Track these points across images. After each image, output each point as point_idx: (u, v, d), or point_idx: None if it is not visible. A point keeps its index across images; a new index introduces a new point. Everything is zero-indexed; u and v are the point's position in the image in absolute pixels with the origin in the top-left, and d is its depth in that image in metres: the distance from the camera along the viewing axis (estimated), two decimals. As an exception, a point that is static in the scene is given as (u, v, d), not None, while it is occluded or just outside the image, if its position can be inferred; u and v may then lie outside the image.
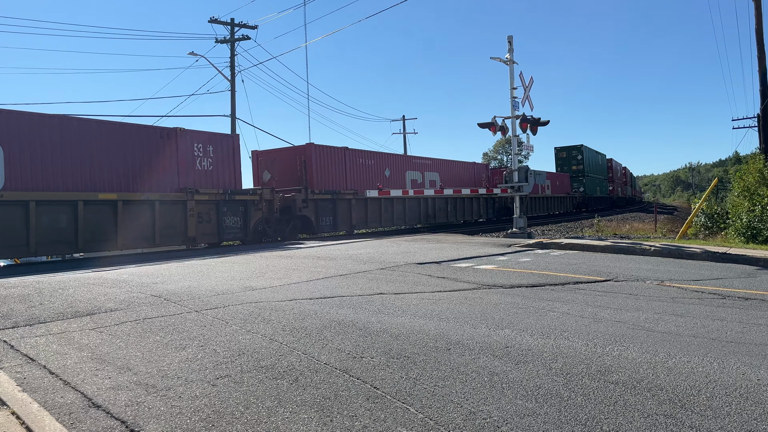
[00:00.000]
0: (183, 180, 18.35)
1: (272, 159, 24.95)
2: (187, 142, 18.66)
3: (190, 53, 33.78)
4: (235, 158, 20.42)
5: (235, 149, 20.44)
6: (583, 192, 53.51)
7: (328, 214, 23.82)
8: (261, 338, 5.16)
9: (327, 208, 23.79)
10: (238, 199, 19.66)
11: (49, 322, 5.97)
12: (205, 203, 18.62)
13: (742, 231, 17.09)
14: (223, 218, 19.12)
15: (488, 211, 36.63)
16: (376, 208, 26.79)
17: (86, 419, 3.42)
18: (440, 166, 33.37)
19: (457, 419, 3.34)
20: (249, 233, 19.85)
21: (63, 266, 13.75)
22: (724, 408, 3.51)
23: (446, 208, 32.14)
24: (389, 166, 28.83)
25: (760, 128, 24.31)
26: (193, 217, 18.11)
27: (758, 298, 7.27)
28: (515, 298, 7.22)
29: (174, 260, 12.82)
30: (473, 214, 35.01)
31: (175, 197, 17.82)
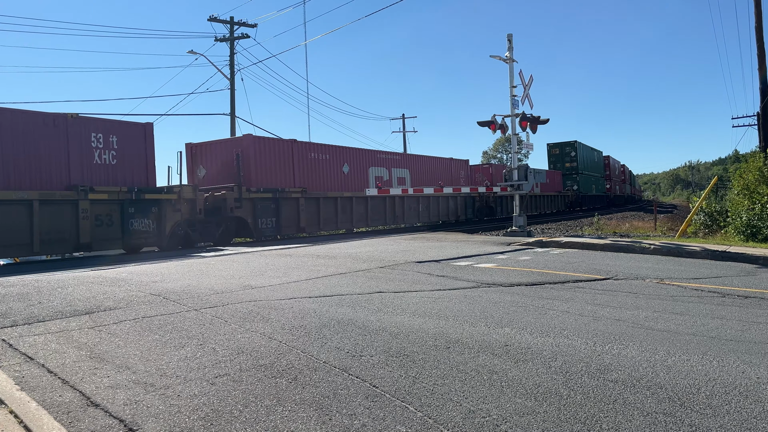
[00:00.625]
0: (75, 176, 15.61)
1: (208, 153, 22.04)
2: (81, 131, 15.91)
3: (189, 52, 33.74)
4: (148, 151, 17.57)
5: (148, 141, 17.59)
6: (576, 190, 51.63)
7: (269, 215, 21.16)
8: (260, 337, 5.16)
9: (268, 208, 21.10)
10: (150, 199, 16.95)
11: (47, 320, 5.96)
12: (105, 204, 15.90)
13: (741, 229, 17.09)
14: (130, 221, 16.42)
15: (467, 210, 34.34)
16: (330, 208, 24.12)
17: (84, 418, 3.41)
18: (411, 162, 30.85)
19: (457, 418, 3.34)
20: (165, 238, 17.22)
21: (62, 265, 13.73)
22: (724, 406, 3.51)
23: (417, 207, 29.77)
24: (348, 162, 25.88)
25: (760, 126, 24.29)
26: (88, 220, 15.39)
27: (758, 296, 7.27)
28: (515, 296, 7.21)
29: (174, 259, 12.81)
30: (449, 213, 32.62)
31: (61, 196, 15.10)
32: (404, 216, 28.63)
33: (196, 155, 22.20)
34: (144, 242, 17.00)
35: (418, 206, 29.89)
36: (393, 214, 27.95)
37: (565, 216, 43.00)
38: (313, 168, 23.80)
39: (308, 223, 22.87)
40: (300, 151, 23.16)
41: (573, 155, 52.97)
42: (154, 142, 17.85)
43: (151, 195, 17.11)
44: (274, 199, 21.31)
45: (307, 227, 22.93)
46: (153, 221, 17.09)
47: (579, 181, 52.35)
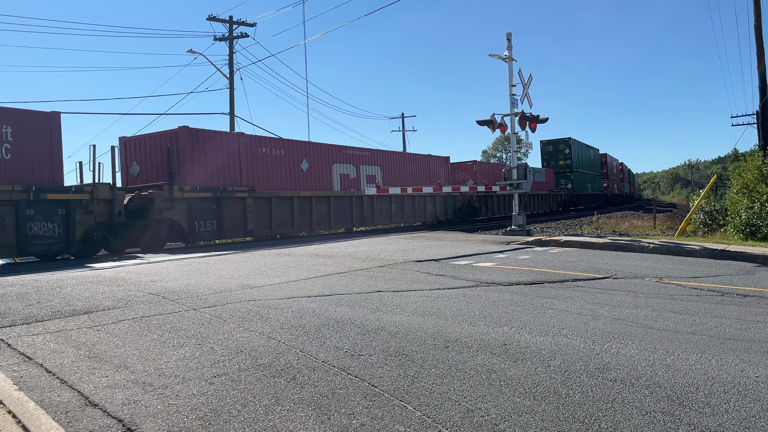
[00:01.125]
0: None
1: (142, 148, 19.60)
2: None
3: (188, 51, 33.70)
4: (53, 145, 15.25)
5: (54, 133, 15.24)
6: (570, 189, 49.28)
7: (209, 217, 18.76)
8: (259, 336, 5.15)
9: (207, 209, 18.71)
10: (54, 200, 14.71)
11: (46, 320, 5.95)
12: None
13: (740, 228, 17.10)
14: (28, 225, 14.19)
15: (447, 211, 31.66)
16: (285, 209, 21.59)
17: (83, 418, 3.41)
18: (382, 159, 28.11)
19: (455, 417, 3.33)
20: (75, 244, 15.13)
21: (61, 265, 13.72)
22: (722, 405, 3.51)
23: (390, 208, 27.11)
24: (308, 158, 23.38)
25: (759, 125, 24.30)
26: None
27: (757, 295, 7.27)
28: (514, 295, 7.21)
29: (171, 260, 12.80)
30: (427, 215, 29.93)
31: None
32: (374, 217, 26.16)
33: (130, 151, 19.82)
34: (46, 249, 14.78)
35: (391, 207, 27.23)
36: (361, 216, 25.46)
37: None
38: (265, 164, 21.31)
39: (257, 225, 20.44)
40: (249, 146, 20.83)
41: (567, 152, 50.69)
42: (61, 135, 15.53)
43: (55, 195, 14.78)
44: (215, 199, 18.96)
45: (257, 230, 20.54)
46: (59, 225, 14.89)
47: (573, 180, 50.24)
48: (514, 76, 17.70)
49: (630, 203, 75.52)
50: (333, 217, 23.98)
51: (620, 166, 76.42)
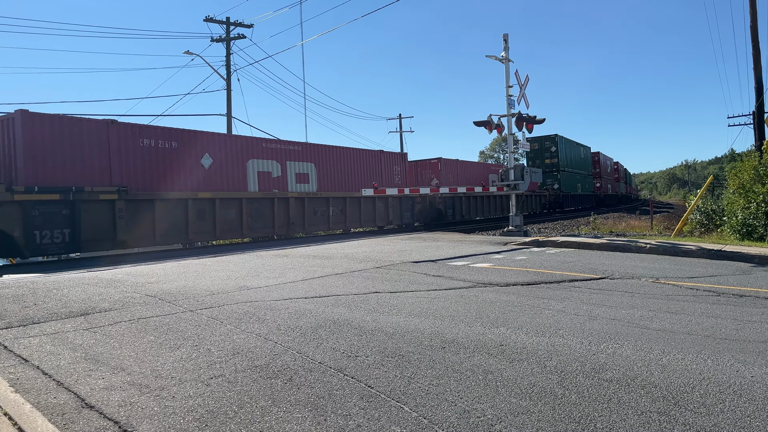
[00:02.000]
0: None
1: None
2: None
3: (185, 52, 33.65)
4: None
5: None
6: (557, 189, 46.19)
7: (58, 226, 14.86)
8: (255, 338, 5.15)
9: (56, 215, 14.79)
10: None
11: (42, 322, 5.94)
12: None
13: (737, 228, 17.15)
14: None
15: (404, 215, 27.90)
16: (177, 214, 17.76)
17: (79, 420, 3.41)
18: (317, 154, 23.84)
19: (452, 418, 3.34)
20: None
21: (59, 266, 13.70)
22: (718, 405, 3.52)
23: (327, 212, 23.42)
24: (211, 152, 19.44)
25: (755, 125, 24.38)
26: None
27: (752, 295, 7.29)
28: (510, 296, 7.22)
29: (170, 260, 12.79)
30: (377, 219, 26.07)
31: None
32: (305, 224, 22.29)
33: None
34: None
35: (328, 210, 23.58)
36: (286, 222, 21.45)
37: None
38: (149, 160, 17.49)
39: (133, 234, 16.57)
40: (123, 137, 16.85)
41: (554, 150, 47.57)
42: None
43: None
44: (68, 202, 15.02)
45: (132, 240, 16.67)
46: None
47: (560, 179, 47.06)
48: (510, 77, 17.73)
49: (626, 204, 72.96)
50: (247, 223, 19.79)
51: (615, 165, 74.12)
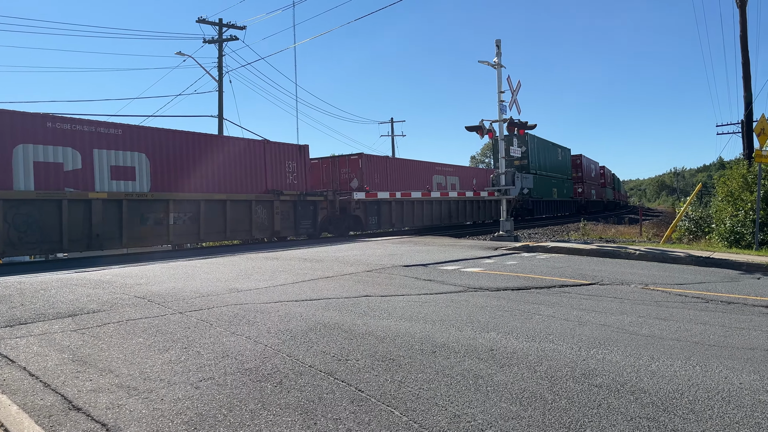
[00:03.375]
0: None
1: None
2: None
3: (177, 53, 33.62)
4: None
5: None
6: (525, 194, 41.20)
7: None
8: (245, 340, 5.13)
9: None
10: None
11: (30, 323, 5.89)
12: None
13: (725, 236, 17.28)
14: None
15: (300, 223, 22.34)
16: None
17: (66, 422, 3.37)
18: (151, 141, 17.81)
19: (442, 422, 3.33)
20: None
21: (46, 266, 13.58)
22: (707, 411, 3.54)
23: (164, 219, 17.62)
24: None
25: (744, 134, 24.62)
26: None
27: (741, 302, 7.35)
28: (501, 301, 7.23)
29: (159, 261, 12.71)
30: (256, 228, 20.45)
31: None
32: (123, 236, 16.64)
33: None
34: None
35: (167, 217, 17.72)
36: (85, 233, 15.74)
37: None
38: None
39: None
40: None
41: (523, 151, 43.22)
42: None
43: None
44: None
45: None
46: None
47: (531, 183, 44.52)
48: (503, 83, 17.81)
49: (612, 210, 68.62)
50: (7, 238, 14.20)
51: (601, 170, 69.55)
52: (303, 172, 23.42)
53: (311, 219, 23.15)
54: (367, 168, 26.86)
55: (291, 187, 22.64)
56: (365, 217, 26.17)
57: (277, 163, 22.20)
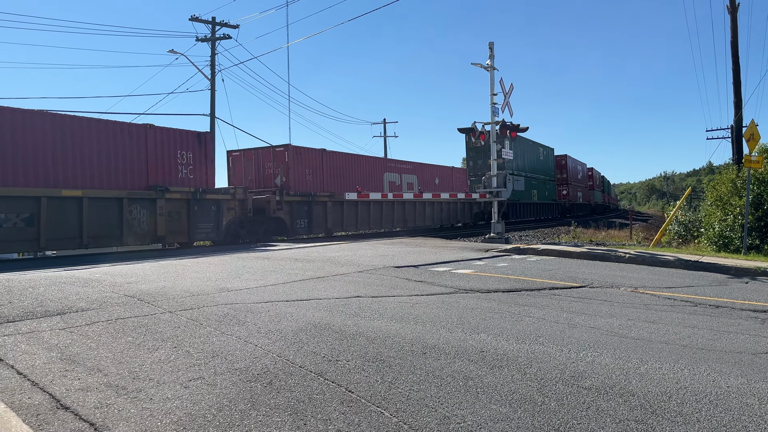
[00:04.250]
0: None
1: None
2: None
3: (170, 51, 33.42)
4: None
5: None
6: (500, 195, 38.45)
7: None
8: (235, 340, 5.11)
9: None
10: None
11: (18, 321, 5.84)
12: None
13: (714, 240, 17.41)
14: None
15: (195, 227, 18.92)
16: None
17: (54, 421, 3.35)
18: None
19: (432, 423, 3.34)
20: None
21: (35, 264, 13.48)
22: (695, 414, 3.56)
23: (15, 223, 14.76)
24: None
25: (734, 139, 24.79)
26: None
27: (729, 306, 7.40)
28: (491, 302, 7.25)
29: (149, 260, 12.65)
30: (129, 234, 17.24)
31: None
32: None
33: None
34: None
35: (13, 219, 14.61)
36: None
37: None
38: None
39: None
40: None
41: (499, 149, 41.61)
42: None
43: None
44: None
45: None
46: None
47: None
48: (495, 85, 17.85)
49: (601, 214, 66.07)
50: None
51: (589, 171, 66.47)
52: (204, 165, 19.66)
53: (213, 222, 19.56)
54: (295, 162, 23.74)
55: (185, 182, 18.96)
56: (291, 220, 23.03)
57: (164, 154, 18.55)
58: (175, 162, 18.91)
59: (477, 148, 36.71)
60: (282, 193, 22.15)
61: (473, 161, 38.30)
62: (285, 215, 22.60)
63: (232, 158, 25.30)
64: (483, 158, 37.07)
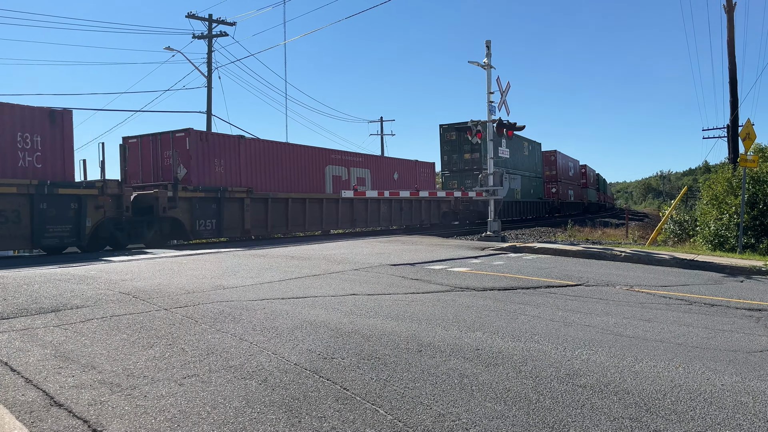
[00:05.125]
0: None
1: None
2: None
3: (166, 48, 33.32)
4: None
5: None
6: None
7: None
8: (230, 338, 5.10)
9: None
10: None
11: (11, 318, 5.82)
12: None
13: (709, 239, 17.46)
14: None
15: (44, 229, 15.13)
16: None
17: (47, 418, 3.33)
18: None
19: (426, 421, 3.34)
20: None
21: (30, 261, 13.43)
22: (689, 412, 3.57)
23: None
24: None
25: (730, 138, 24.87)
26: None
27: (723, 305, 7.42)
28: (487, 300, 7.25)
29: (144, 257, 12.62)
30: None
31: None
32: None
33: None
34: None
35: None
36: None
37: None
38: None
39: None
40: None
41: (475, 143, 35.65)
42: None
43: None
44: None
45: None
46: None
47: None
48: (492, 84, 17.85)
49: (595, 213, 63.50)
50: None
51: (582, 168, 63.36)
52: (61, 152, 15.84)
53: (72, 223, 15.75)
54: (199, 150, 19.77)
55: (27, 173, 15.05)
56: (191, 221, 19.08)
57: None
58: (13, 146, 14.83)
59: (452, 141, 35.38)
60: (176, 187, 18.19)
61: (448, 156, 35.61)
62: (182, 214, 18.61)
63: (129, 146, 20.20)
64: (459, 153, 35.08)
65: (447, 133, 35.83)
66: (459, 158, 35.47)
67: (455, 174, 35.59)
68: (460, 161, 35.17)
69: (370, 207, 26.89)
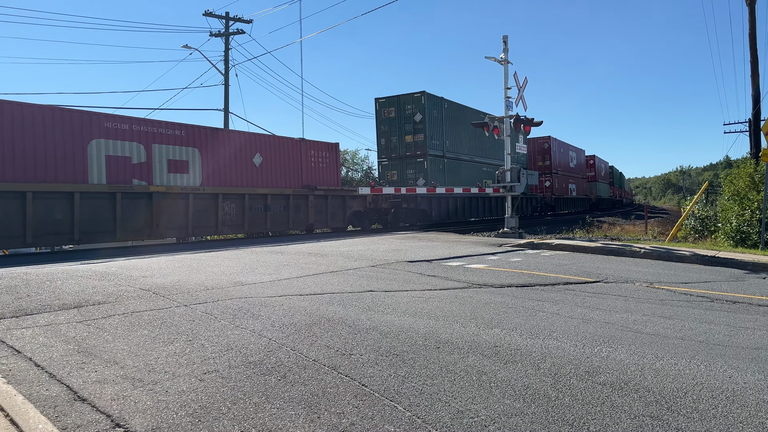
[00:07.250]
0: None
1: None
2: None
3: (183, 46, 33.65)
4: None
5: None
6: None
7: None
8: (250, 334, 5.14)
9: None
10: None
11: (36, 314, 5.92)
12: None
13: (731, 235, 17.21)
14: None
15: None
16: None
17: (71, 412, 3.39)
18: None
19: (445, 418, 3.34)
20: None
21: (52, 258, 13.63)
22: (710, 411, 3.53)
23: None
24: None
25: (752, 133, 24.46)
26: None
27: (746, 301, 7.32)
28: (505, 297, 7.22)
29: (164, 254, 12.75)
30: None
31: None
32: None
33: None
34: None
35: None
36: None
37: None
38: None
39: None
40: None
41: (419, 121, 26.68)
42: None
43: None
44: None
45: None
46: None
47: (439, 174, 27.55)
48: (509, 79, 17.74)
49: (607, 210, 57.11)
50: None
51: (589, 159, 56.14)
52: None
53: None
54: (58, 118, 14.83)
55: None
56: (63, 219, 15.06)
57: None
58: None
59: (390, 119, 27.80)
60: None
61: (386, 138, 28.16)
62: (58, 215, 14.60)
63: None
64: (398, 134, 27.73)
65: (384, 109, 27.94)
66: (399, 141, 27.63)
67: (395, 162, 27.89)
68: (401, 145, 27.47)
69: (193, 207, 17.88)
